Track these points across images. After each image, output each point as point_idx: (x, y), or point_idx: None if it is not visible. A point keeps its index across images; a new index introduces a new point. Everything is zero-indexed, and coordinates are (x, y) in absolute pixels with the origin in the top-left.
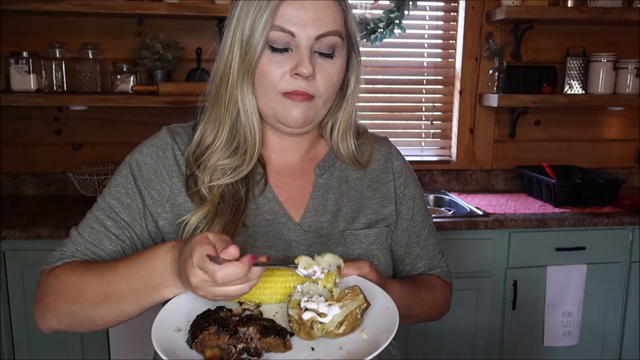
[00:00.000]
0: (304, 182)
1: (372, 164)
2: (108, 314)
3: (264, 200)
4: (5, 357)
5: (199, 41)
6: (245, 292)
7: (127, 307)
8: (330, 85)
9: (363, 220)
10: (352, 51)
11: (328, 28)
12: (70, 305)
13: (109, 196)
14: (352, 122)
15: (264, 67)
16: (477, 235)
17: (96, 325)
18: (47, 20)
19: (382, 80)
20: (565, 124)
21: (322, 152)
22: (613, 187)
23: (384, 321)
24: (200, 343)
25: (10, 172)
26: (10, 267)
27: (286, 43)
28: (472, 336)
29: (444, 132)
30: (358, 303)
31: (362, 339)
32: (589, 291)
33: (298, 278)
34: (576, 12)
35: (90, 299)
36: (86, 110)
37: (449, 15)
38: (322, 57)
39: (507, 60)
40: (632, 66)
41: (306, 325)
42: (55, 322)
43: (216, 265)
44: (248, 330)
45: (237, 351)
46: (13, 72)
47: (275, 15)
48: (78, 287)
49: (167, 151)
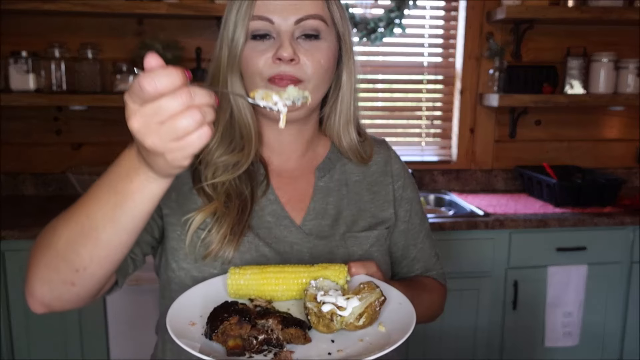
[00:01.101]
0: (304, 184)
1: (372, 166)
2: (84, 248)
3: (266, 202)
4: (5, 357)
5: (199, 41)
6: (204, 133)
7: (101, 231)
8: (318, 67)
9: (362, 223)
10: (341, 39)
11: (307, 12)
12: (46, 252)
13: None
14: (352, 114)
15: (247, 57)
16: (478, 235)
17: (75, 272)
18: (47, 20)
19: (382, 80)
20: (566, 124)
21: (322, 153)
22: (613, 187)
23: (400, 315)
24: (222, 333)
25: (10, 172)
26: (10, 267)
27: (267, 31)
28: (472, 336)
29: (444, 132)
30: (376, 296)
31: (381, 332)
32: (590, 291)
33: (310, 274)
34: (577, 12)
35: (65, 235)
36: (86, 110)
37: (449, 15)
38: (306, 40)
39: (508, 60)
40: (632, 66)
41: (325, 317)
42: (37, 286)
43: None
44: (268, 322)
45: (258, 342)
46: (12, 72)
47: (254, 6)
48: (54, 227)
49: None
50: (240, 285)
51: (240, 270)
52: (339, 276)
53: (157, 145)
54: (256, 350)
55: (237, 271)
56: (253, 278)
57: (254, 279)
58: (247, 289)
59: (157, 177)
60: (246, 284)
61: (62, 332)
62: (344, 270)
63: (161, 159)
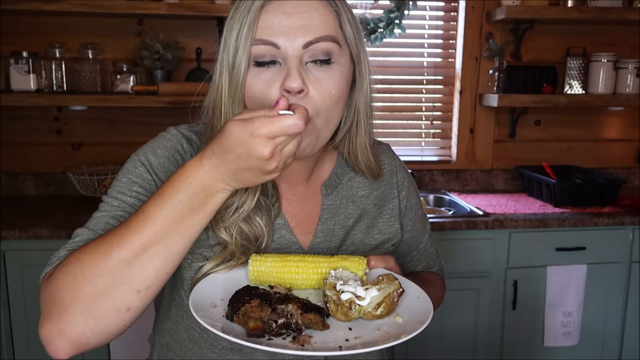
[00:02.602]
0: (311, 205)
1: (380, 179)
2: (151, 264)
3: (276, 227)
4: (5, 357)
5: (199, 41)
6: (300, 122)
7: (171, 245)
8: (327, 99)
9: (370, 242)
10: (354, 61)
11: (317, 34)
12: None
13: (118, 194)
14: (369, 136)
15: (251, 87)
16: (477, 235)
17: (136, 293)
18: (47, 20)
19: (382, 80)
20: (566, 124)
21: (327, 169)
22: (613, 187)
23: (417, 308)
24: (243, 315)
25: (10, 172)
26: (10, 267)
27: (272, 56)
28: (472, 336)
29: (444, 132)
30: (395, 287)
31: (398, 323)
32: (589, 291)
33: (330, 264)
34: (576, 12)
35: (123, 257)
36: (86, 110)
37: (449, 15)
38: (317, 66)
39: (507, 60)
40: (632, 66)
41: (344, 305)
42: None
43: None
44: (287, 307)
45: (278, 325)
46: (13, 72)
47: (256, 28)
48: (96, 254)
49: (187, 158)
50: (261, 272)
51: (262, 258)
52: (358, 267)
53: (274, 163)
54: (275, 334)
55: (258, 258)
56: (274, 265)
57: (274, 266)
58: (268, 276)
59: (232, 188)
60: (267, 271)
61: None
62: (363, 262)
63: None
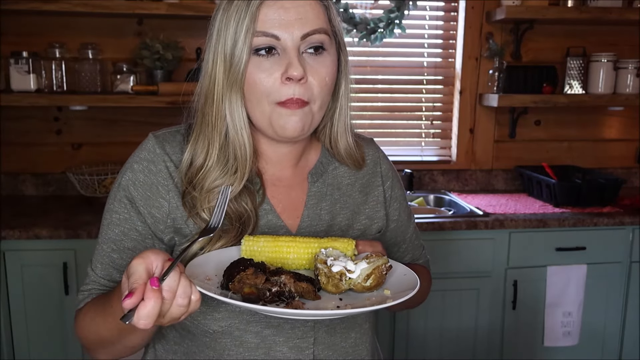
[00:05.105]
0: (298, 192)
1: (363, 168)
2: (132, 338)
3: (262, 212)
4: (5, 357)
5: (199, 41)
6: (193, 306)
7: (137, 338)
8: (323, 86)
9: (357, 227)
10: (340, 50)
11: (313, 26)
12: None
13: (109, 226)
14: (349, 122)
15: (252, 76)
16: (477, 235)
17: (132, 348)
18: (47, 20)
19: (382, 80)
20: (566, 124)
21: (313, 158)
22: (613, 187)
23: (404, 283)
24: (238, 281)
25: (10, 172)
26: (10, 267)
27: (272, 47)
28: (472, 336)
29: (444, 132)
30: (383, 261)
31: (386, 295)
32: (589, 291)
33: (320, 244)
34: (576, 12)
35: (106, 337)
36: (86, 110)
37: (449, 15)
38: (311, 55)
39: (507, 60)
40: (632, 66)
41: (335, 277)
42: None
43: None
44: (280, 277)
45: (271, 293)
46: (13, 72)
47: (256, 21)
48: (92, 331)
49: (159, 164)
50: (253, 251)
51: (254, 238)
52: (347, 248)
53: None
54: (269, 301)
55: (251, 238)
56: (266, 245)
57: (267, 246)
58: (260, 256)
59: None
60: (259, 250)
61: (62, 332)
62: (352, 243)
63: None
